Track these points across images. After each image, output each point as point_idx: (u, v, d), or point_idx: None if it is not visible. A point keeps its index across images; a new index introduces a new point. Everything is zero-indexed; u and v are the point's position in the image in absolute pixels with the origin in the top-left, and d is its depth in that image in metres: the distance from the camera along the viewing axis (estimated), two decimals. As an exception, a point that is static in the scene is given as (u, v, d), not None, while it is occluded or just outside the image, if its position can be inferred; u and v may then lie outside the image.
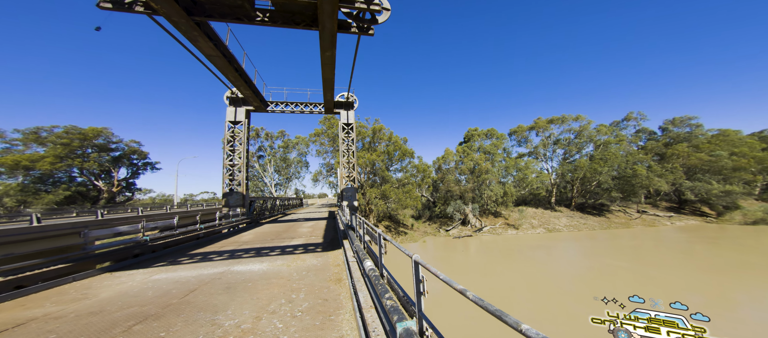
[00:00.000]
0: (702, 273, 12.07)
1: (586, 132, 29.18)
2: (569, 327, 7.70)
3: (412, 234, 25.70)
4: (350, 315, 3.18)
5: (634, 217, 24.95)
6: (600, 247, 18.09)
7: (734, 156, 25.80)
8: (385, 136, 26.99)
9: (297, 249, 7.25)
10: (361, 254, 4.42)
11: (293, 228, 12.03)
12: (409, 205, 25.21)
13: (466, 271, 14.71)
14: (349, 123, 17.57)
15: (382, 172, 26.52)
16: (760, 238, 18.38)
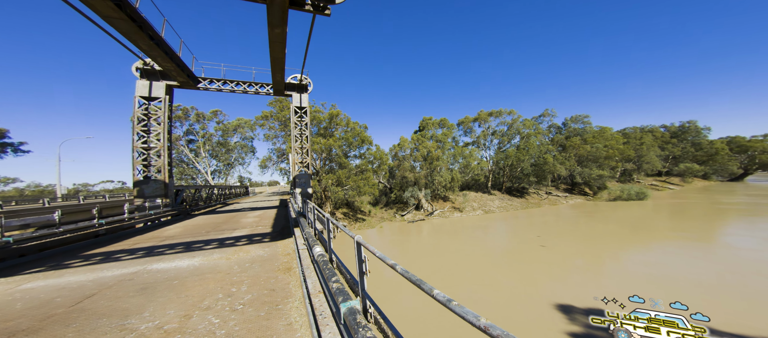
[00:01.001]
0: (584, 240, 15.41)
1: (516, 125, 33.34)
2: (497, 290, 9.37)
3: (369, 221, 25.62)
4: (300, 303, 3.06)
5: (544, 198, 30.64)
6: (521, 224, 21.41)
7: (606, 147, 33.77)
8: (342, 121, 25.05)
9: (240, 241, 6.55)
10: (310, 240, 4.22)
11: (236, 219, 10.92)
12: (367, 192, 24.74)
13: (419, 253, 15.42)
14: (302, 106, 15.48)
15: (339, 159, 24.91)
16: (616, 211, 24.83)
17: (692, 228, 16.83)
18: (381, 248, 18.05)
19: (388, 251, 17.17)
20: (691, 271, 9.97)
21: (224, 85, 14.36)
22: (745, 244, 13.03)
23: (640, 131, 47.47)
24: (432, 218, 25.72)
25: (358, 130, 25.42)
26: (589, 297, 8.23)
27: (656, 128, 50.08)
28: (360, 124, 26.43)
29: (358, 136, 25.38)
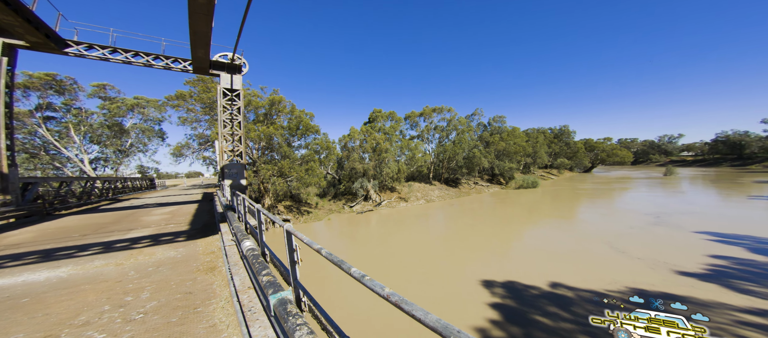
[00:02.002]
0: (499, 222, 18.04)
1: (453, 122, 36.13)
2: (435, 271, 10.15)
3: (316, 213, 23.87)
4: (227, 302, 2.82)
5: (472, 187, 34.94)
6: (455, 212, 23.71)
7: (516, 144, 40.59)
8: (285, 108, 21.66)
9: (139, 243, 5.57)
10: (240, 235, 3.85)
11: (134, 217, 9.18)
12: (313, 183, 22.73)
13: (369, 242, 15.35)
14: (233, 89, 12.74)
15: (281, 148, 21.78)
16: (520, 197, 30.34)
17: (563, 208, 21.83)
18: (330, 241, 17.19)
19: (337, 243, 16.38)
20: (562, 242, 12.70)
21: (113, 53, 9.99)
22: (591, 219, 17.60)
23: (536, 132, 58.93)
24: (380, 208, 25.87)
25: (303, 118, 22.54)
26: (504, 272, 9.54)
27: (545, 130, 63.14)
28: (306, 112, 23.51)
29: (304, 124, 22.59)
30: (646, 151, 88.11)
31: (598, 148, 65.85)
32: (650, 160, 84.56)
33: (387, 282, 10.02)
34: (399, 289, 9.42)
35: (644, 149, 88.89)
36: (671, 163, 71.76)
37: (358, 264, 12.02)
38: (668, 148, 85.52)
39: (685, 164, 71.20)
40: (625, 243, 12.08)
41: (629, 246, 11.55)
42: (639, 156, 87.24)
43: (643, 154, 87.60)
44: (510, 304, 7.40)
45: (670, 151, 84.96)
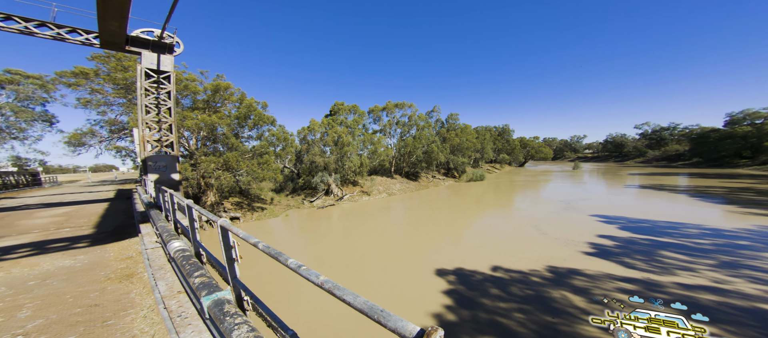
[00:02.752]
0: (452, 213, 19.20)
1: (414, 118, 36.75)
2: (396, 261, 10.43)
3: (272, 209, 21.56)
4: (151, 311, 2.53)
5: (430, 181, 36.51)
6: (415, 204, 24.35)
7: (467, 140, 43.84)
8: (233, 96, 18.48)
9: (12, 253, 4.41)
10: (166, 236, 3.52)
11: (6, 222, 7.40)
12: (268, 178, 20.34)
13: (330, 237, 14.69)
14: (161, 70, 10.37)
15: (228, 139, 18.67)
16: (470, 189, 33.02)
17: (503, 199, 24.44)
18: (289, 237, 15.77)
19: (296, 239, 15.18)
20: (502, 228, 14.08)
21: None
22: (523, 207, 20.10)
23: (484, 129, 64.84)
24: (342, 203, 24.84)
25: (255, 107, 19.63)
26: (456, 259, 10.00)
27: (491, 128, 70.04)
28: (258, 102, 20.55)
29: (256, 114, 19.73)
30: (562, 148, 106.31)
31: (530, 146, 76.41)
32: (564, 156, 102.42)
33: (349, 275, 9.31)
34: (361, 281, 9.18)
35: (560, 147, 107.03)
36: (578, 158, 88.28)
37: (319, 259, 11.12)
38: (576, 146, 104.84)
39: (586, 160, 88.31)
40: (546, 226, 14.05)
41: (549, 229, 13.46)
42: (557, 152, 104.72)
43: (559, 150, 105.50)
44: (460, 289, 7.76)
45: (577, 148, 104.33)
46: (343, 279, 9.31)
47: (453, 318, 6.41)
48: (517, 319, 6.23)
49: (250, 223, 18.89)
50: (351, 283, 9.08)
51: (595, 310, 6.38)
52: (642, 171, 46.74)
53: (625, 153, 79.78)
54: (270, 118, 21.16)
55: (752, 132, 43.61)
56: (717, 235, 11.25)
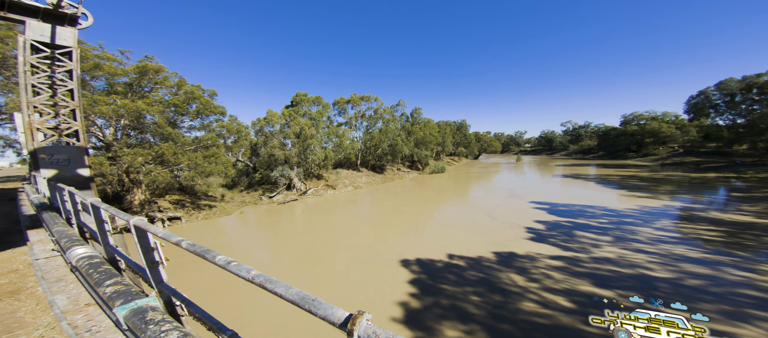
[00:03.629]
0: (416, 204, 19.67)
1: (380, 111, 36.26)
2: (363, 253, 10.28)
3: (223, 207, 18.99)
4: (50, 329, 2.13)
5: (396, 173, 36.83)
6: (381, 196, 24.26)
7: (430, 134, 45.37)
8: (168, 81, 15.26)
9: None
10: (65, 242, 3.08)
11: None
12: (217, 172, 17.75)
13: (294, 232, 13.70)
14: (60, 44, 8.23)
15: (160, 129, 15.46)
16: (432, 180, 34.41)
17: (461, 189, 26.03)
18: (246, 236, 14.12)
19: (255, 237, 13.71)
20: (460, 216, 14.89)
21: None
22: (478, 196, 21.82)
23: (444, 124, 68.10)
24: (306, 197, 23.27)
25: (198, 94, 16.57)
26: (420, 249, 10.14)
27: (451, 122, 73.98)
28: (203, 89, 17.41)
29: (202, 102, 16.71)
30: (508, 142, 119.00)
31: (483, 140, 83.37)
32: (510, 149, 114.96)
33: (316, 270, 8.89)
34: (328, 275, 8.66)
35: (507, 141, 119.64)
36: (520, 152, 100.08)
37: (282, 256, 10.36)
38: (519, 141, 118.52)
39: (526, 153, 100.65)
40: (496, 212, 15.37)
41: (499, 215, 14.75)
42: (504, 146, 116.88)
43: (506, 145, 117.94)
44: (424, 278, 7.90)
45: (520, 143, 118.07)
46: (311, 275, 8.84)
47: (418, 306, 6.46)
48: (473, 301, 6.55)
49: (195, 223, 16.26)
50: (318, 278, 8.64)
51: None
52: (565, 163, 55.09)
53: (553, 147, 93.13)
54: (218, 107, 18.20)
55: (637, 130, 54.95)
56: (613, 215, 13.62)
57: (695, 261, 8.14)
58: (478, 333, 5.46)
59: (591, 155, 67.23)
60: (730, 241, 9.62)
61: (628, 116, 61.58)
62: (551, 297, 6.54)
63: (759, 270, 7.31)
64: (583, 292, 6.74)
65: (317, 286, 8.08)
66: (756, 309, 5.67)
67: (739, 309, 5.71)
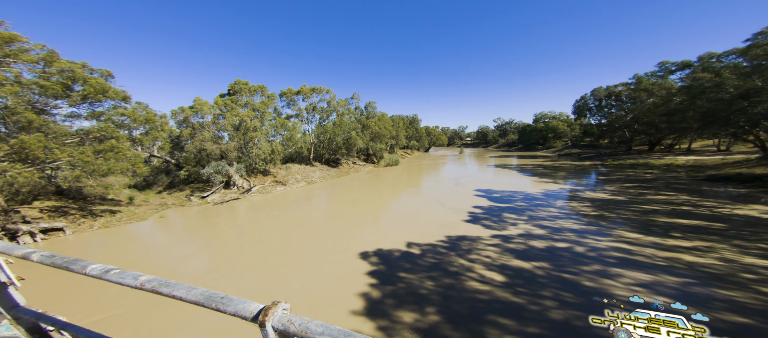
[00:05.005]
0: (372, 197, 19.51)
1: (333, 103, 34.41)
2: (319, 250, 9.62)
3: (132, 212, 15.05)
4: None
5: (351, 167, 35.86)
6: (337, 191, 23.24)
7: (384, 128, 45.74)
8: (30, 55, 10.69)
9: None
10: None
11: None
12: (120, 171, 13.84)
13: (235, 234, 11.78)
14: None
15: (17, 116, 10.93)
16: (387, 173, 34.87)
17: (414, 180, 27.19)
18: (170, 242, 11.40)
19: (184, 241, 11.28)
20: (414, 205, 15.31)
21: None
22: (429, 186, 23.08)
23: (398, 118, 69.78)
24: (250, 195, 20.43)
25: (81, 74, 12.21)
26: (377, 240, 10.00)
27: (404, 116, 76.33)
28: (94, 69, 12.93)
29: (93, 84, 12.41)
30: (452, 136, 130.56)
31: (432, 134, 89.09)
32: (454, 143, 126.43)
33: (264, 273, 7.95)
34: (281, 276, 7.71)
35: (452, 135, 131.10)
36: (463, 145, 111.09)
37: (222, 261, 8.91)
38: (461, 135, 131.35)
39: (467, 145, 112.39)
40: (445, 199, 16.41)
41: (447, 201, 15.76)
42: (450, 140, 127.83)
43: (451, 138, 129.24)
44: (382, 269, 7.82)
45: (462, 137, 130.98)
46: (260, 278, 7.77)
47: (378, 296, 6.44)
48: (428, 286, 6.74)
49: (89, 234, 12.33)
50: (270, 280, 7.63)
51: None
52: (496, 154, 63.59)
53: (488, 140, 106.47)
54: (118, 92, 13.92)
55: (543, 127, 67.41)
56: (528, 198, 16.08)
57: (578, 231, 10.01)
58: (432, 314, 5.64)
59: (514, 147, 79.39)
60: (598, 214, 12.21)
61: (538, 115, 74.66)
62: (489, 274, 7.13)
63: (616, 236, 9.37)
64: (510, 266, 7.54)
65: (269, 289, 7.18)
66: (617, 267, 7.18)
67: (607, 268, 7.12)
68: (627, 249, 8.28)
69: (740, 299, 5.79)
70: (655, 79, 36.83)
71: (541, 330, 4.94)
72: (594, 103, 51.96)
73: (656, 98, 34.91)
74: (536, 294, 6.09)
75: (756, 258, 7.32)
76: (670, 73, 34.78)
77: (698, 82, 24.80)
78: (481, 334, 4.95)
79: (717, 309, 5.50)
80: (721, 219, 10.62)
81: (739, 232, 9.26)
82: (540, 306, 5.62)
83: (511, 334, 4.90)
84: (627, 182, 20.21)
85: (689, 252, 7.94)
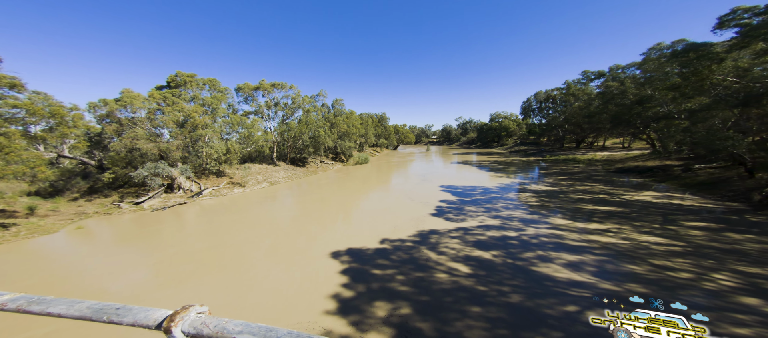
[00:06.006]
0: (343, 195, 19.26)
1: (298, 100, 32.55)
2: (287, 253, 9.07)
3: (37, 224, 12.09)
4: None
5: (319, 166, 34.46)
6: (305, 190, 22.16)
7: (353, 126, 45.13)
8: None
9: None
10: None
11: None
12: (12, 175, 10.99)
13: (181, 242, 10.36)
14: None
15: None
16: (357, 171, 34.53)
17: (384, 178, 27.48)
18: (90, 256, 9.45)
19: (112, 254, 9.47)
20: (384, 202, 15.57)
21: None
22: (398, 183, 23.60)
23: (367, 116, 69.56)
24: (201, 199, 18.11)
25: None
26: (348, 239, 9.82)
27: (372, 115, 76.39)
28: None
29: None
30: (419, 134, 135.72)
31: (401, 132, 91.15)
32: (421, 141, 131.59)
33: (229, 281, 7.22)
34: (248, 283, 7.05)
35: (419, 133, 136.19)
36: (429, 143, 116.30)
37: (167, 275, 7.82)
38: (428, 133, 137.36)
39: (433, 143, 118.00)
40: (414, 195, 16.99)
41: (416, 196, 16.35)
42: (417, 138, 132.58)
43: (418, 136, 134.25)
44: (355, 266, 7.67)
45: (428, 135, 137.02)
46: (225, 286, 6.96)
47: (351, 294, 6.32)
48: (399, 280, 6.77)
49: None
50: (235, 287, 6.85)
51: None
52: (458, 152, 68.11)
53: (451, 138, 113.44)
54: (2, 77, 10.85)
55: (497, 126, 74.63)
56: (485, 192, 17.57)
57: (524, 221, 11.14)
58: (404, 308, 5.67)
59: (473, 145, 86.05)
60: (539, 204, 13.78)
61: (493, 115, 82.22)
62: (454, 265, 7.40)
63: (553, 224, 10.67)
64: (473, 257, 7.94)
65: (231, 298, 6.47)
66: (554, 250, 8.13)
67: (547, 252, 8.01)
68: (560, 234, 9.42)
69: (639, 272, 6.63)
70: (580, 86, 43.86)
71: (502, 313, 5.26)
72: (536, 104, 59.35)
73: (581, 102, 41.51)
74: (495, 281, 6.45)
75: (648, 236, 8.90)
76: (591, 80, 41.86)
77: (609, 89, 30.21)
78: (450, 323, 5.14)
79: (623, 281, 6.19)
80: (625, 204, 12.86)
81: (638, 215, 11.21)
82: (499, 292, 5.95)
83: (476, 320, 5.15)
84: (560, 175, 23.41)
85: (604, 234, 9.28)
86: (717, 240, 8.44)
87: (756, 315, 4.85)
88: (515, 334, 4.70)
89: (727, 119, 15.76)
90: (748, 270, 6.50)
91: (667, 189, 15.97)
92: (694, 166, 18.61)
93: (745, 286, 5.81)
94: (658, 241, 8.48)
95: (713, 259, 7.19)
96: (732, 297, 5.49)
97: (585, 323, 4.88)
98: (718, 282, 6.02)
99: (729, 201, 12.47)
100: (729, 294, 5.61)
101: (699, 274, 6.42)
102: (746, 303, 5.27)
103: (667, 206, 12.36)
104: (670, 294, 5.78)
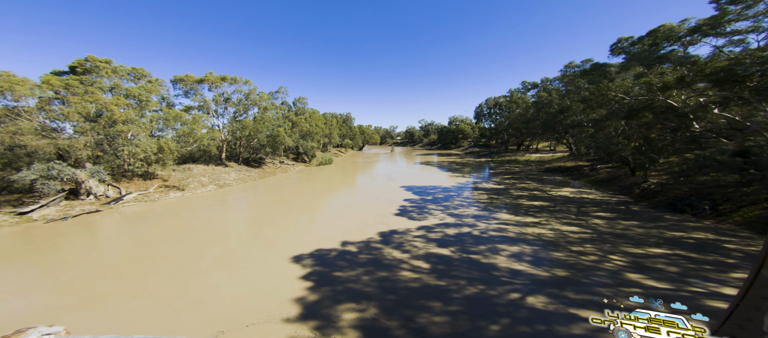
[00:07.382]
0: (305, 197, 18.35)
1: (253, 96, 29.65)
2: (243, 262, 8.33)
3: None
4: None
5: (278, 166, 31.97)
6: (261, 193, 20.43)
7: (316, 126, 43.33)
8: None
9: None
10: None
11: None
12: None
13: (94, 258, 8.47)
14: None
15: None
16: (321, 172, 33.14)
17: (349, 178, 27.18)
18: None
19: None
20: (350, 202, 15.45)
21: None
22: (364, 182, 23.64)
23: (331, 116, 67.62)
24: (121, 205, 14.92)
25: None
26: (312, 241, 9.44)
27: (337, 115, 74.67)
28: None
29: None
30: (384, 135, 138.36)
31: (366, 133, 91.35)
32: (386, 142, 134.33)
33: (163, 298, 6.38)
34: (190, 297, 6.26)
35: (384, 134, 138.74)
36: (393, 144, 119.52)
37: (73, 297, 6.46)
38: (393, 134, 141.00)
39: (397, 144, 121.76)
40: (380, 193, 17.28)
41: (381, 195, 16.68)
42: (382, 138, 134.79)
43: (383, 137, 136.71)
44: (319, 269, 7.42)
45: (393, 136, 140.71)
46: (159, 304, 6.01)
47: (315, 297, 6.09)
48: (364, 281, 6.71)
49: None
50: (172, 306, 5.94)
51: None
52: (421, 152, 71.91)
53: (414, 139, 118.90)
54: None
55: (455, 129, 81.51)
56: (444, 191, 18.88)
57: (476, 217, 12.13)
58: (370, 308, 5.61)
59: (434, 146, 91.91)
60: (488, 201, 15.29)
61: (451, 118, 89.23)
62: (417, 263, 7.56)
63: (498, 218, 11.83)
64: (434, 254, 8.20)
65: (163, 319, 5.55)
66: (499, 243, 8.95)
67: (494, 245, 8.80)
68: (504, 227, 10.47)
69: (562, 257, 7.41)
70: (520, 94, 51.27)
71: (461, 306, 5.49)
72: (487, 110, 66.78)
73: (520, 109, 48.50)
74: (453, 275, 6.71)
75: (568, 226, 10.35)
76: (528, 90, 49.33)
77: (541, 99, 36.09)
78: (414, 319, 5.26)
79: (551, 266, 6.93)
80: (551, 200, 15.17)
81: (560, 208, 13.24)
82: (457, 286, 6.17)
83: (438, 314, 5.37)
84: (505, 175, 26.57)
85: (536, 226, 10.55)
86: (612, 227, 9.83)
87: (637, 288, 5.80)
88: (473, 324, 4.97)
89: (618, 128, 20.20)
90: (632, 250, 7.78)
91: (580, 185, 19.68)
92: (598, 166, 23.55)
93: (629, 265, 6.97)
94: (574, 230, 9.89)
95: (609, 243, 8.34)
96: (623, 274, 6.49)
97: (564, 315, 5.02)
98: (614, 262, 7.21)
99: (620, 195, 15.68)
100: (622, 271, 6.63)
101: (601, 257, 7.53)
102: (631, 279, 6.23)
103: (579, 200, 15.13)
104: (584, 275, 6.26)
